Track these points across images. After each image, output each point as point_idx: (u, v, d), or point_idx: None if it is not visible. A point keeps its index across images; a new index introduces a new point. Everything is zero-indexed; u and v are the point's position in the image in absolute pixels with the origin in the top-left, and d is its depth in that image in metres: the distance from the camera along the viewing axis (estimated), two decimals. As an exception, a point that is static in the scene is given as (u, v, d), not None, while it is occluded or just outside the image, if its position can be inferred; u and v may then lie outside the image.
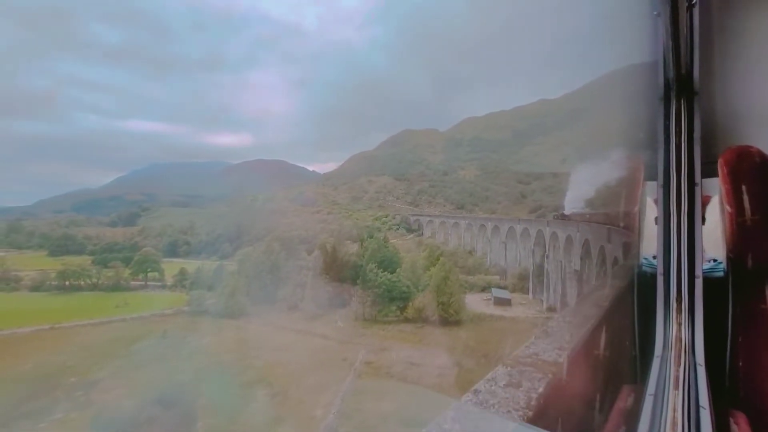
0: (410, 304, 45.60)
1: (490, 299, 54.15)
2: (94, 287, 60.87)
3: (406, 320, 44.84)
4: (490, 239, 70.12)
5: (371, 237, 56.55)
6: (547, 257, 49.85)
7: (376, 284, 46.02)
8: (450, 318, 43.72)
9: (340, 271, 50.77)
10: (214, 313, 46.63)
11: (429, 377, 30.46)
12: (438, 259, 48.89)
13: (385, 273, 46.88)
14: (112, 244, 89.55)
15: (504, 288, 58.04)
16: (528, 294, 55.91)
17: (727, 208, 2.91)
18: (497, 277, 64.21)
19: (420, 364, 32.91)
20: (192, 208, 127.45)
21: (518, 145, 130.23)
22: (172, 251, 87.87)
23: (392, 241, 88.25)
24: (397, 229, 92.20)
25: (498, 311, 49.69)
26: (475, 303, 52.72)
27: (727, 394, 2.86)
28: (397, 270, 47.90)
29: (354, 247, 56.51)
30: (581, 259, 38.17)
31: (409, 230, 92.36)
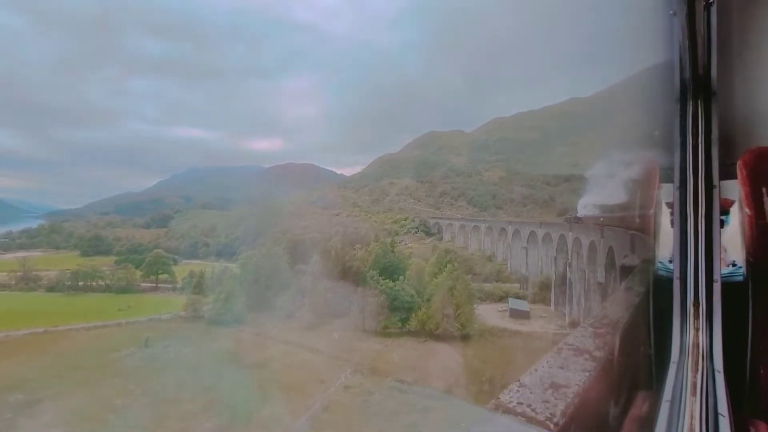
0: (413, 315, 40.53)
1: (506, 311, 48.24)
2: (107, 288, 59.52)
3: (409, 333, 39.82)
4: (511, 244, 63.87)
5: (377, 241, 51.73)
6: (569, 265, 43.46)
7: (376, 292, 41.33)
8: (456, 332, 38.38)
9: (342, 278, 46.47)
10: (208, 320, 43.52)
11: (412, 410, 25.38)
12: (446, 266, 43.54)
13: (387, 280, 42.08)
14: (137, 245, 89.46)
15: (523, 298, 51.83)
16: (550, 306, 49.46)
17: (747, 210, 2.83)
18: (517, 285, 57.93)
19: (408, 391, 27.83)
20: (220, 211, 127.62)
21: (547, 145, 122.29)
22: (193, 253, 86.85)
23: (410, 244, 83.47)
24: (416, 232, 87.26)
25: (514, 325, 43.71)
26: (490, 314, 46.94)
27: (747, 402, 2.74)
28: (400, 277, 42.95)
29: (361, 252, 51.92)
30: (605, 269, 32.02)
31: (428, 234, 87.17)
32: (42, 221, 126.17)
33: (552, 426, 1.72)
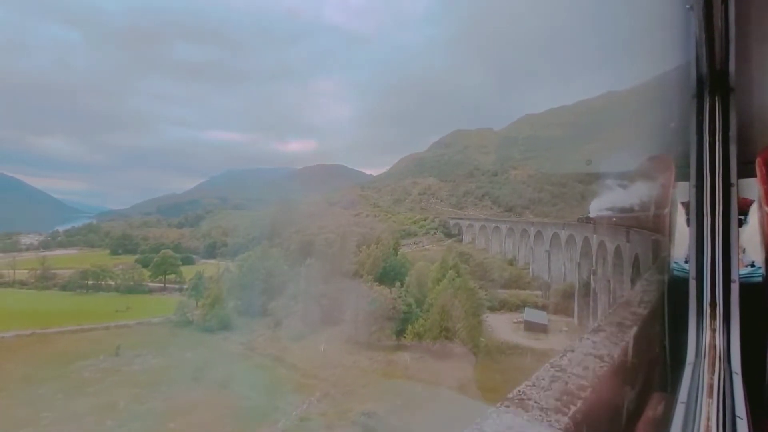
0: (410, 327, 35.08)
1: (522, 322, 41.75)
2: (116, 288, 58.02)
3: (404, 347, 34.40)
4: (533, 247, 56.90)
5: (378, 243, 46.49)
6: (594, 273, 36.50)
7: (370, 300, 36.22)
8: (457, 348, 32.61)
9: (339, 282, 41.76)
10: (195, 325, 40.11)
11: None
12: (448, 272, 37.50)
13: (382, 287, 36.89)
14: (159, 244, 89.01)
15: (543, 308, 45.06)
16: (573, 318, 42.41)
17: (766, 209, 2.84)
18: (538, 292, 51.02)
19: (374, 428, 22.41)
20: (248, 211, 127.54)
21: (580, 142, 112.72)
22: (211, 253, 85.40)
23: (427, 246, 77.69)
24: (435, 233, 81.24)
25: (528, 340, 37.25)
26: (502, 326, 40.67)
27: (766, 404, 2.60)
28: (396, 284, 37.55)
29: (361, 255, 46.73)
30: (632, 280, 25.35)
31: (448, 235, 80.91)
32: (92, 221, 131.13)
33: (563, 426, 1.65)
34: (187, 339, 36.40)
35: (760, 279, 3.10)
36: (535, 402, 1.78)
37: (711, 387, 2.21)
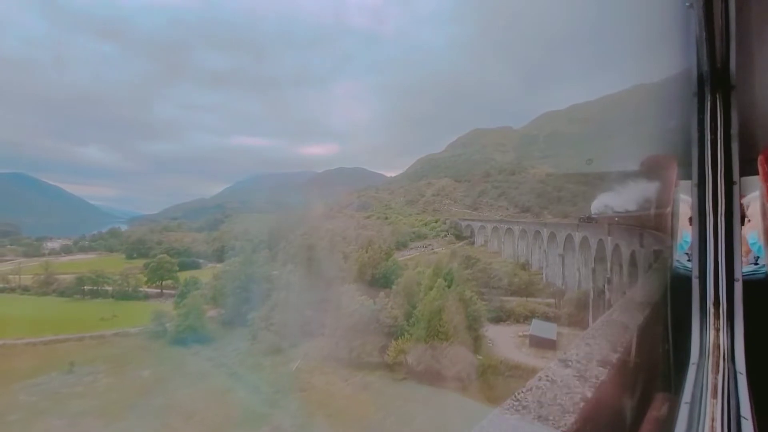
0: (394, 343, 30.23)
1: (528, 336, 36.10)
2: (112, 294, 56.00)
3: (387, 366, 29.67)
4: (546, 250, 50.91)
5: (367, 248, 41.80)
6: (608, 281, 30.56)
7: (350, 312, 31.62)
8: (445, 369, 27.48)
9: (325, 291, 37.41)
10: (167, 337, 36.73)
11: None
12: (437, 281, 32.24)
13: (364, 297, 32.25)
14: (170, 248, 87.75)
15: (554, 320, 39.14)
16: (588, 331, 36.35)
17: None
18: (552, 300, 45.02)
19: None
20: (264, 214, 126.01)
21: (604, 137, 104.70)
22: (219, 257, 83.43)
23: (437, 249, 72.41)
24: (445, 235, 76.03)
25: (533, 358, 31.61)
26: (506, 341, 35.22)
27: None
28: (380, 294, 32.79)
29: (350, 260, 42.14)
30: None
31: (459, 237, 75.56)
32: (119, 226, 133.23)
33: (567, 427, 1.63)
34: (154, 353, 33.01)
35: (763, 276, 2.82)
36: (539, 403, 1.70)
37: (715, 387, 2.13)
